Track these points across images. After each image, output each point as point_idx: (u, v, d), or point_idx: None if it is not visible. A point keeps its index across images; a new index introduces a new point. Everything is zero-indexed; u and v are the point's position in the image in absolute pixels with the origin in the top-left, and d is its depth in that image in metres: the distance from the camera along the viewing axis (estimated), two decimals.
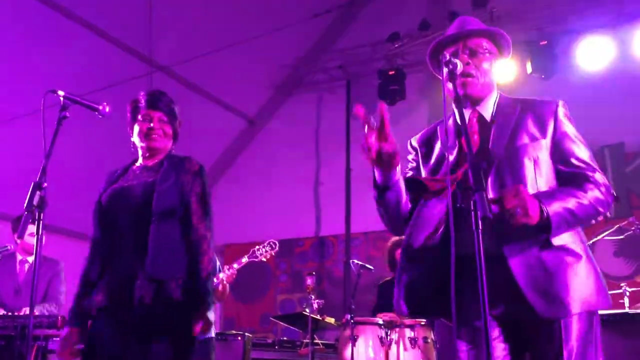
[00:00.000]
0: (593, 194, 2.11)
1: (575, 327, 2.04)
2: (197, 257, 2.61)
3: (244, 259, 4.90)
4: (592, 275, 2.08)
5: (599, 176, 2.15)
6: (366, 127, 2.02)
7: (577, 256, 2.07)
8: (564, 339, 2.03)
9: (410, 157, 2.47)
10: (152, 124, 2.75)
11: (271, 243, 5.00)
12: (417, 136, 2.48)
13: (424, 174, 2.36)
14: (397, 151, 2.07)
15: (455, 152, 2.23)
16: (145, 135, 2.77)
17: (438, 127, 2.39)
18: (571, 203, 2.05)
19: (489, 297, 1.75)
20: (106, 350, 2.55)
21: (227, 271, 4.62)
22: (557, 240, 2.06)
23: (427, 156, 2.37)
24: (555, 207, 2.01)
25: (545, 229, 2.01)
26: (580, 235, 2.15)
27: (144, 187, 2.66)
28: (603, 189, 2.13)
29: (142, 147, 2.81)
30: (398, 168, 2.16)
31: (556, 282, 2.01)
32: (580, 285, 2.04)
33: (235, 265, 4.79)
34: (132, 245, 2.58)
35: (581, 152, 2.18)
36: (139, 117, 2.79)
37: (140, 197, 2.63)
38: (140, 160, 2.85)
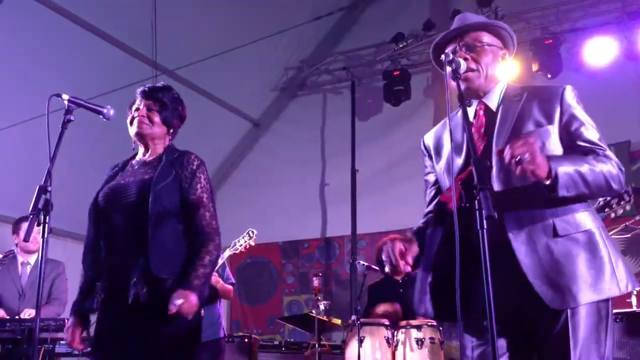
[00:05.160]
0: (605, 166, 2.04)
1: (583, 318, 1.99)
2: (198, 254, 2.56)
3: (226, 253, 4.78)
4: (604, 263, 2.01)
5: (609, 153, 2.10)
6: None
7: (587, 244, 2.02)
8: (571, 330, 1.98)
9: (426, 161, 2.48)
10: (137, 113, 2.76)
11: (249, 232, 4.87)
12: (429, 134, 2.48)
13: (438, 174, 2.39)
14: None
15: (464, 151, 2.21)
16: (130, 123, 2.78)
17: (448, 124, 2.39)
18: (582, 166, 1.99)
19: (495, 289, 1.72)
20: (111, 346, 2.55)
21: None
22: (565, 227, 2.02)
23: (437, 155, 2.39)
24: (564, 167, 1.95)
25: (552, 188, 1.94)
26: (594, 219, 2.09)
27: (139, 186, 2.61)
28: (614, 163, 2.07)
29: (133, 138, 2.81)
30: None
31: (564, 271, 1.97)
32: (590, 274, 1.98)
33: (219, 261, 4.66)
34: (127, 245, 2.55)
35: (589, 133, 2.13)
36: (132, 108, 2.82)
37: (136, 197, 2.59)
38: (139, 155, 2.83)
